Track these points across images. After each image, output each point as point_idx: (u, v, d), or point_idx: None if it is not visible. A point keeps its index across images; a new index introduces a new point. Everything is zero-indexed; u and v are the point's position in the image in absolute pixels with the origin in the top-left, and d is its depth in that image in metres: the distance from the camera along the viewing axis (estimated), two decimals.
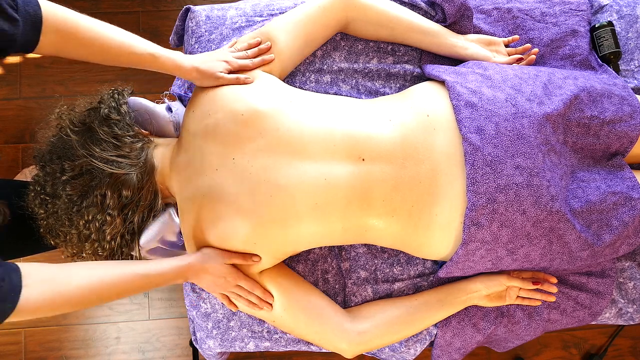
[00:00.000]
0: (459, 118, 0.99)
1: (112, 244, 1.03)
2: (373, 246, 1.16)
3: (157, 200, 1.05)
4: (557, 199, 0.98)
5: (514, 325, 1.14)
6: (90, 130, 1.01)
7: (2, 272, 0.79)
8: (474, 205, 0.96)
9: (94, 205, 0.99)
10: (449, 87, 1.04)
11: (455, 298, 1.11)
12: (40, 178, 1.02)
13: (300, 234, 1.00)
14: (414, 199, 0.99)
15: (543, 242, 1.01)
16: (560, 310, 1.15)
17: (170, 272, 0.97)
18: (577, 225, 1.01)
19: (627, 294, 1.18)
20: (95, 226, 1.00)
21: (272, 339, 1.15)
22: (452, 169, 0.98)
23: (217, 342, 1.16)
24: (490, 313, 1.14)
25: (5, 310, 0.79)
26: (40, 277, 0.83)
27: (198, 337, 1.18)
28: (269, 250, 1.00)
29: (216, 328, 1.15)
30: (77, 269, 0.88)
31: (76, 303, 0.86)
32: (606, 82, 1.13)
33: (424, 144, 1.00)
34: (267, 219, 0.96)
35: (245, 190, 0.96)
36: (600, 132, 1.08)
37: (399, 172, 0.99)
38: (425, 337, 1.14)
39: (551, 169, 1.00)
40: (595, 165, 1.11)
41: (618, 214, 1.04)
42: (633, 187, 1.05)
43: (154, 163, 1.04)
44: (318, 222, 0.99)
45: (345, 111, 1.04)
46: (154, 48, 0.99)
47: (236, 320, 1.15)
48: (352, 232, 1.03)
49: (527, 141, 0.98)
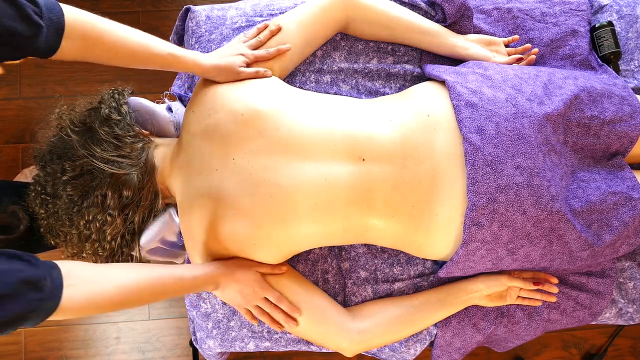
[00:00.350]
0: (460, 118, 0.99)
1: (113, 244, 1.03)
2: (373, 246, 1.16)
3: (157, 200, 1.05)
4: (557, 199, 0.98)
5: (514, 325, 1.14)
6: (91, 131, 1.01)
7: (44, 271, 0.79)
8: (475, 205, 0.96)
9: (95, 206, 0.99)
10: (450, 87, 1.04)
11: (455, 298, 1.11)
12: (41, 178, 1.02)
13: (300, 234, 1.00)
14: (415, 199, 0.99)
15: (543, 242, 1.01)
16: (560, 310, 1.15)
17: (202, 276, 0.97)
18: (577, 226, 1.01)
19: (627, 294, 1.18)
20: (96, 226, 1.00)
21: (272, 339, 1.15)
22: (453, 169, 0.98)
23: (217, 342, 1.16)
24: (490, 313, 1.14)
25: (49, 308, 0.79)
26: (82, 276, 0.84)
27: (198, 337, 1.18)
28: (268, 251, 1.00)
29: (216, 328, 1.15)
30: (115, 270, 0.89)
31: (115, 303, 0.86)
32: (606, 82, 1.13)
33: (424, 144, 1.00)
34: (266, 219, 0.96)
35: (245, 190, 0.96)
36: (601, 132, 1.08)
37: (400, 172, 0.99)
38: (425, 337, 1.14)
39: (551, 169, 1.00)
40: (595, 165, 1.11)
41: (618, 214, 1.04)
42: (633, 187, 1.05)
43: (154, 163, 1.04)
44: (318, 223, 0.99)
45: (345, 111, 1.04)
46: (173, 48, 0.99)
47: (236, 320, 1.15)
48: (353, 232, 1.03)
49: (527, 141, 0.98)
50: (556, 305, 1.15)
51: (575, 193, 1.05)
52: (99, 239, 1.01)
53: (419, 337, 1.14)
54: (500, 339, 1.19)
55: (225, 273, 1.00)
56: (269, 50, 1.09)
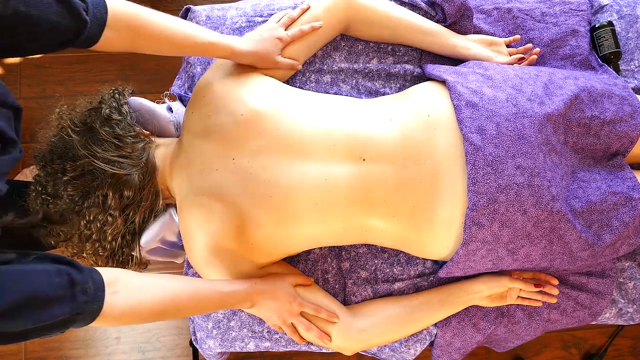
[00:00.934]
0: (460, 118, 0.99)
1: (113, 244, 1.03)
2: (373, 246, 1.16)
3: (158, 200, 1.05)
4: (557, 199, 0.98)
5: (514, 325, 1.14)
6: (92, 131, 1.01)
7: (86, 276, 0.80)
8: (475, 205, 0.96)
9: (96, 206, 0.99)
10: (450, 87, 1.04)
11: (456, 298, 1.11)
12: (42, 178, 1.02)
13: (299, 234, 1.00)
14: (415, 199, 0.99)
15: (544, 242, 1.01)
16: (561, 310, 1.15)
17: (241, 293, 0.98)
18: (577, 226, 1.01)
19: (627, 294, 1.18)
20: (97, 226, 1.00)
21: (272, 339, 1.15)
22: (453, 169, 0.98)
23: (217, 342, 1.16)
24: (491, 313, 1.14)
25: (94, 311, 0.80)
26: (126, 285, 0.85)
27: (198, 337, 1.18)
28: (267, 251, 1.00)
29: (216, 328, 1.15)
30: (158, 281, 0.89)
31: (155, 314, 0.87)
32: (606, 82, 1.13)
33: (424, 144, 1.00)
34: (265, 219, 0.96)
35: (244, 190, 0.96)
36: (601, 132, 1.08)
37: (400, 172, 0.99)
38: (425, 337, 1.15)
39: (552, 169, 1.00)
40: (595, 166, 1.11)
41: (618, 214, 1.04)
42: (633, 188, 1.05)
43: (155, 163, 1.04)
44: (318, 222, 0.99)
45: (345, 111, 1.04)
46: (212, 36, 1.00)
47: (236, 320, 1.15)
48: (353, 232, 1.03)
49: (528, 141, 0.98)
50: (556, 306, 1.15)
51: (575, 193, 1.05)
52: (100, 239, 1.01)
53: (418, 337, 1.14)
54: (501, 339, 1.19)
55: (264, 291, 1.00)
56: (302, 28, 1.11)
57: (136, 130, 1.04)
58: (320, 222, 0.99)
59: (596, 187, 1.06)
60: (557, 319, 1.15)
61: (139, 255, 1.06)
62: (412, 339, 1.14)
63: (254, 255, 1.01)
